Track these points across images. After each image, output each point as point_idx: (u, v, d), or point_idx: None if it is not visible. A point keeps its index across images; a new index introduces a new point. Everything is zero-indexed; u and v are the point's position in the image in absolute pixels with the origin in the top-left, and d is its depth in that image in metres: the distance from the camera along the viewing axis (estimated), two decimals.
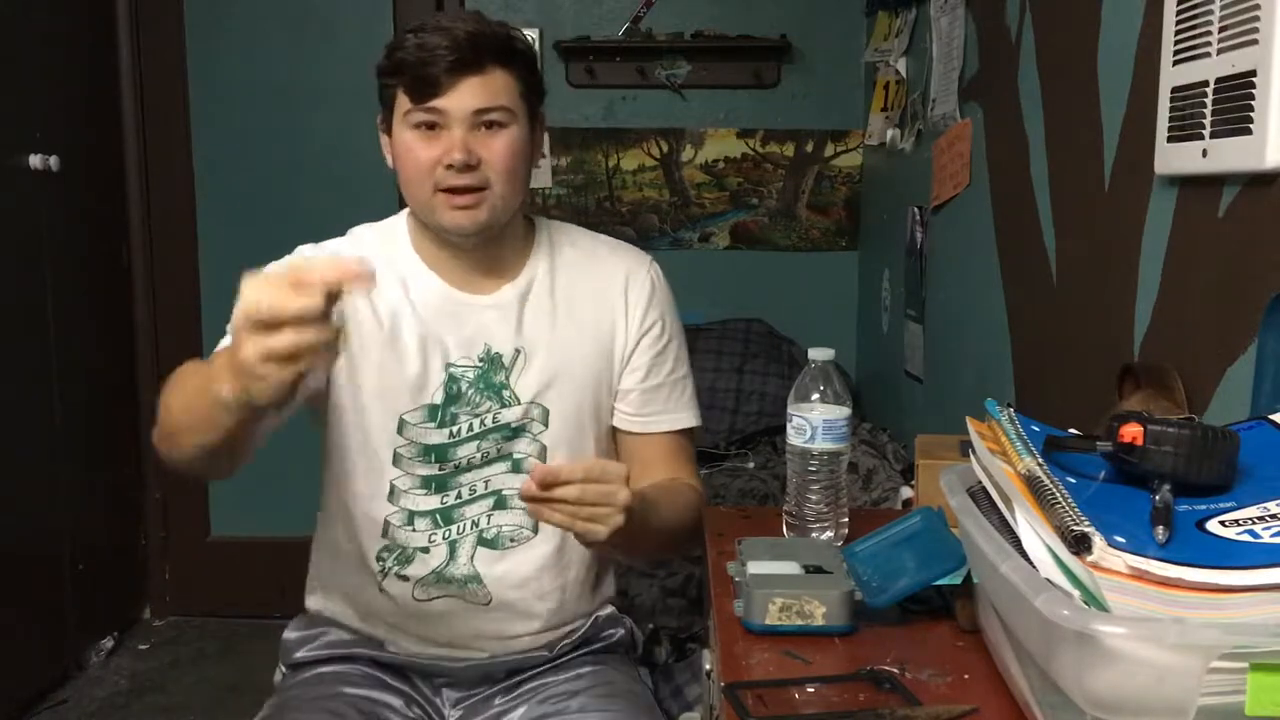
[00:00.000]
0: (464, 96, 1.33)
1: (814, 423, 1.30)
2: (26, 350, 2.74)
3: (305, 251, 1.45)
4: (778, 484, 2.45)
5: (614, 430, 1.52)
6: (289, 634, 1.51)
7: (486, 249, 1.43)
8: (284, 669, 1.51)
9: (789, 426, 1.33)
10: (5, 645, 2.59)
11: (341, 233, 1.52)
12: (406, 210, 1.47)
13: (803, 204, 3.40)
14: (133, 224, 3.24)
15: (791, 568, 1.15)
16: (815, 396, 1.31)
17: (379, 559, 1.44)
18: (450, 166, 1.33)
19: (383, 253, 1.44)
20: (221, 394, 1.04)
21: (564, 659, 1.49)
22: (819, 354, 1.33)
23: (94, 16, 3.10)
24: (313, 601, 1.53)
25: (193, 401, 1.16)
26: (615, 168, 3.40)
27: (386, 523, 1.44)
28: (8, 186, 2.65)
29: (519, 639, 1.46)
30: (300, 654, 1.48)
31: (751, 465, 2.74)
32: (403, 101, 1.35)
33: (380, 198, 3.37)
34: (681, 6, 3.29)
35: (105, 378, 3.15)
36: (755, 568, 1.14)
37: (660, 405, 1.51)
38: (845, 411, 1.32)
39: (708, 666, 1.27)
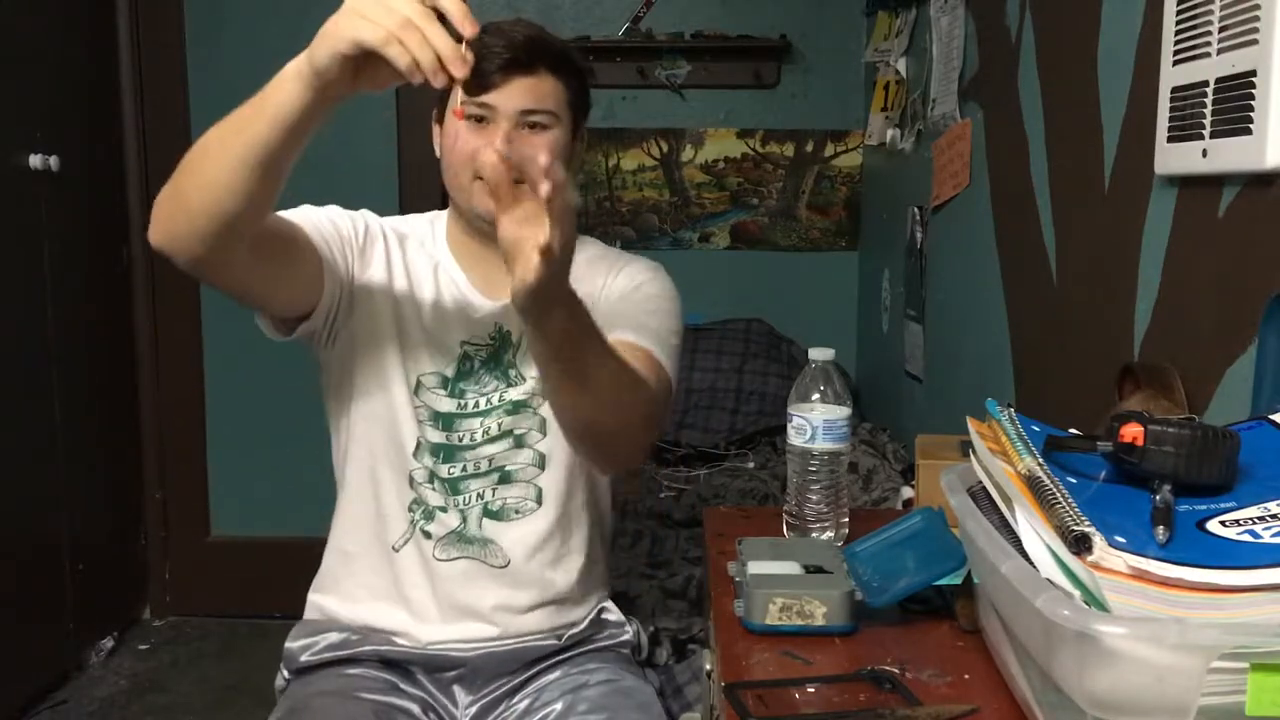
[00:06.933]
0: (513, 95, 1.39)
1: (814, 423, 1.30)
2: (26, 350, 2.74)
3: (369, 215, 1.52)
4: (778, 484, 2.45)
5: None
6: (290, 643, 1.51)
7: None
8: (287, 674, 1.51)
9: (789, 426, 1.33)
10: (5, 645, 2.59)
11: None
12: (448, 210, 1.54)
13: (803, 204, 3.40)
14: (133, 224, 3.23)
15: (792, 568, 1.15)
16: (815, 396, 1.31)
17: (409, 510, 1.48)
18: None
19: (425, 236, 1.52)
20: (299, 71, 1.20)
21: (573, 654, 1.50)
22: (819, 354, 1.33)
23: (94, 17, 3.10)
24: (318, 599, 1.53)
25: (243, 121, 1.26)
26: (615, 168, 3.40)
27: (412, 477, 1.48)
28: (8, 186, 2.65)
29: (531, 614, 1.48)
30: (305, 658, 1.48)
31: (751, 465, 2.74)
32: (456, 95, 1.41)
33: (380, 197, 3.39)
34: (681, 6, 3.29)
35: (105, 378, 3.15)
36: (755, 568, 1.14)
37: (621, 323, 1.41)
38: (845, 411, 1.32)
39: (708, 667, 1.27)
